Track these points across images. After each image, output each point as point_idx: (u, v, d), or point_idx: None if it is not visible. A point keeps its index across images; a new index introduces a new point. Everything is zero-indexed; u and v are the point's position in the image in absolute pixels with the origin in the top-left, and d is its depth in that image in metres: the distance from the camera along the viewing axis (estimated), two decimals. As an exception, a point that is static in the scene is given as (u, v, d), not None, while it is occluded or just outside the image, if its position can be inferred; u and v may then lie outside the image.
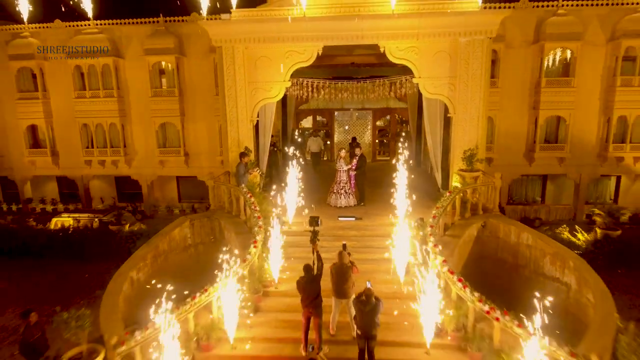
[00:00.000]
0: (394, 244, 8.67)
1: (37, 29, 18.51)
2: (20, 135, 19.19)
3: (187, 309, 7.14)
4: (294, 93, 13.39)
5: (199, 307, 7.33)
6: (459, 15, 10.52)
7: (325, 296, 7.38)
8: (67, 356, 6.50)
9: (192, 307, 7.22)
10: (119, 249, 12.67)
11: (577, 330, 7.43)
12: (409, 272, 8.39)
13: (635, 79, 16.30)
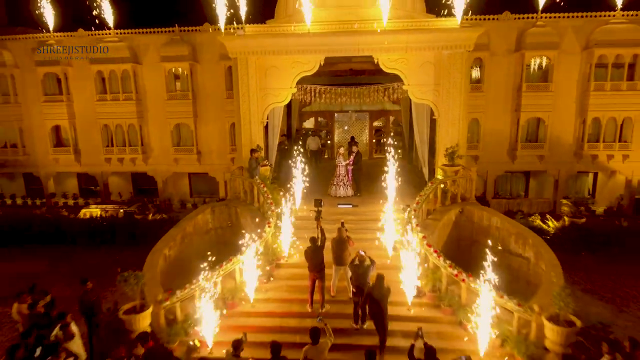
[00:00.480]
0: (384, 226, 10.51)
1: (61, 37, 20.32)
2: (46, 135, 21.03)
3: (217, 274, 8.96)
4: (299, 97, 15.20)
5: (225, 273, 9.16)
6: (441, 32, 12.36)
7: (327, 267, 9.21)
8: (124, 308, 8.33)
9: (220, 273, 9.05)
10: (146, 235, 14.50)
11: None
12: (395, 248, 10.22)
13: (607, 84, 18.15)
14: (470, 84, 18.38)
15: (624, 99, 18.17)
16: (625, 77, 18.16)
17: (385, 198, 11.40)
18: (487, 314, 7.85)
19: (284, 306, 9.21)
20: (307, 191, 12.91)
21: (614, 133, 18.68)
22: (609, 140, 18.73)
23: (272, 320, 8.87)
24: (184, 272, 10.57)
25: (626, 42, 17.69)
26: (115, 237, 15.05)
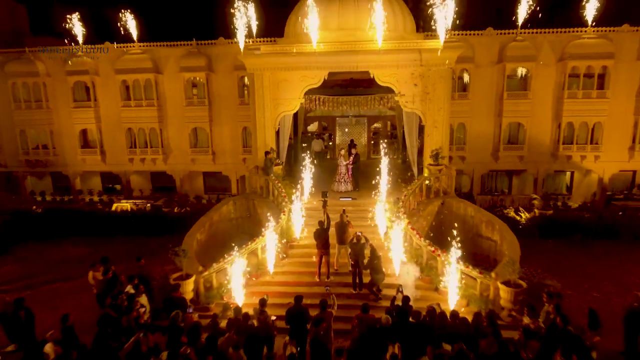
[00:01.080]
0: (377, 215, 12.94)
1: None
2: (75, 137, 23.47)
3: (244, 251, 11.37)
4: (305, 105, 17.54)
5: (250, 251, 11.57)
6: (427, 52, 14.75)
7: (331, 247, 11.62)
8: (173, 277, 10.75)
9: (247, 251, 11.46)
10: (173, 225, 16.93)
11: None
12: (386, 231, 12.63)
13: (579, 92, 20.58)
14: (457, 92, 21.04)
15: (594, 106, 20.60)
16: (596, 86, 20.57)
17: (378, 192, 13.81)
18: (455, 281, 10.27)
19: (297, 277, 11.63)
20: (313, 186, 15.32)
21: (586, 136, 21.10)
22: (581, 143, 21.15)
23: (287, 287, 11.27)
24: (212, 253, 12.95)
25: (596, 55, 20.13)
26: (146, 228, 17.45)
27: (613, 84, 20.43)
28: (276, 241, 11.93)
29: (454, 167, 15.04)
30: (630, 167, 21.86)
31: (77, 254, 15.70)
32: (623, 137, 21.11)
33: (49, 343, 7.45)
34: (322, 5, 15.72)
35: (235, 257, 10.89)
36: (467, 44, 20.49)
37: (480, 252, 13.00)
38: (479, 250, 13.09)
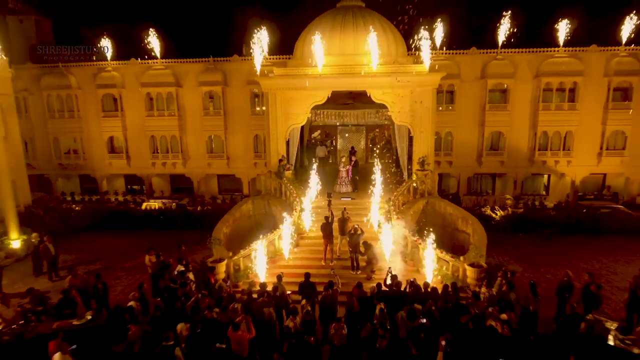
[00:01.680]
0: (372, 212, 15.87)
1: (117, 65, 25.67)
2: (103, 143, 26.43)
3: (265, 241, 14.30)
4: (311, 117, 20.45)
5: (269, 241, 14.51)
6: (415, 75, 17.69)
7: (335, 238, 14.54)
8: (209, 260, 13.68)
9: (266, 240, 14.40)
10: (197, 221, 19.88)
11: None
12: (379, 225, 15.55)
13: (552, 105, 23.55)
14: (444, 104, 24.03)
15: (566, 117, 23.60)
16: (567, 100, 23.60)
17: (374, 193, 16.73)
18: (432, 264, 13.21)
19: (307, 262, 14.56)
20: (319, 188, 18.24)
21: (559, 143, 24.07)
22: (555, 149, 24.14)
23: (299, 270, 14.10)
24: (235, 244, 15.85)
25: (567, 72, 23.12)
26: (172, 223, 20.41)
27: (582, 97, 23.41)
28: (290, 233, 14.87)
29: (436, 172, 17.98)
30: (600, 171, 24.81)
31: (118, 245, 18.67)
32: (592, 144, 24.04)
33: (132, 301, 10.38)
34: (326, 33, 18.71)
35: (258, 245, 13.82)
36: (453, 62, 23.57)
37: (457, 242, 15.91)
38: (456, 241, 15.99)
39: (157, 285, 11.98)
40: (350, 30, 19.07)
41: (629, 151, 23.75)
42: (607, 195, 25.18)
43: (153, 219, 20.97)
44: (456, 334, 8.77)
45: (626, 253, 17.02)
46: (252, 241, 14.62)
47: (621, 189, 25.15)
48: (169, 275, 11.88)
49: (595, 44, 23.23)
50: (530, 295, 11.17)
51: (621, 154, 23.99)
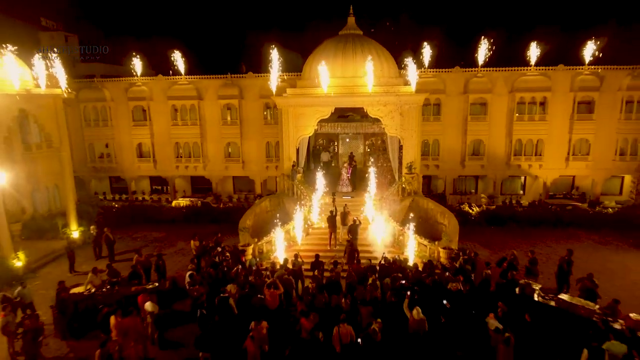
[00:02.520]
0: (367, 207, 19.89)
1: (147, 80, 29.68)
2: (132, 149, 30.44)
3: (282, 230, 18.31)
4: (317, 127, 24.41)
5: (285, 230, 18.52)
6: (403, 95, 21.69)
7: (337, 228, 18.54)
8: (239, 245, 17.69)
9: (283, 229, 18.41)
10: (221, 216, 23.90)
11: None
12: (373, 218, 19.55)
13: (525, 116, 27.55)
14: (432, 115, 28.02)
15: (537, 126, 27.60)
16: (538, 112, 27.58)
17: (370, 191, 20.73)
18: (413, 247, 17.20)
19: (316, 247, 18.55)
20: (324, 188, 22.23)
21: (532, 149, 28.08)
22: (528, 154, 28.15)
23: (310, 252, 18.07)
24: (257, 233, 19.85)
25: (538, 88, 27.12)
26: (199, 218, 24.45)
27: (551, 109, 27.43)
28: (301, 224, 18.88)
29: (422, 175, 21.97)
30: (568, 173, 28.83)
31: (156, 235, 22.70)
32: (560, 150, 28.04)
33: (190, 271, 14.38)
34: (329, 58, 22.74)
35: (277, 233, 17.83)
36: (440, 79, 27.62)
37: (436, 232, 19.86)
38: (435, 232, 19.96)
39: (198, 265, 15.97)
40: (350, 56, 23.09)
41: (593, 156, 27.76)
42: (575, 194, 29.20)
43: (182, 214, 24.98)
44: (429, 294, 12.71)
45: (575, 240, 21.09)
46: (270, 231, 18.65)
47: (588, 189, 29.14)
48: (210, 256, 15.89)
49: (562, 64, 27.23)
50: (485, 267, 15.12)
51: (586, 159, 27.99)
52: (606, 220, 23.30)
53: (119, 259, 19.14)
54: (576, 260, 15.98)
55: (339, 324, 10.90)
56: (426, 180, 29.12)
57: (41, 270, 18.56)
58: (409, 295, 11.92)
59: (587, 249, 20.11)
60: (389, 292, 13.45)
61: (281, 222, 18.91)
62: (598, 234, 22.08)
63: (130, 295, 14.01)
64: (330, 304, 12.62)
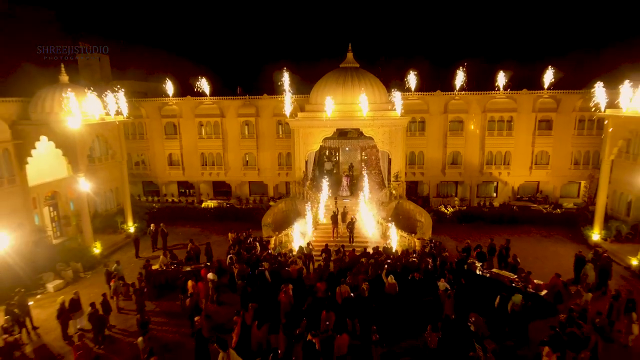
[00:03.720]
0: (361, 208, 26.02)
1: (177, 101, 35.77)
2: (164, 158, 36.56)
3: (297, 224, 24.42)
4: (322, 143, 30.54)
5: (299, 225, 24.65)
6: (390, 119, 27.84)
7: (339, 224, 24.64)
8: (264, 236, 23.81)
9: (299, 224, 24.53)
10: (244, 215, 30.03)
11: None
12: (366, 216, 25.66)
13: (495, 132, 33.67)
14: (417, 131, 34.13)
15: (505, 141, 33.70)
16: (506, 128, 33.67)
17: (364, 196, 26.82)
18: (396, 239, 23.31)
19: (323, 238, 24.67)
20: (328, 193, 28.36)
21: (501, 159, 34.20)
22: (498, 164, 34.27)
23: (318, 243, 24.27)
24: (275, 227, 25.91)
25: (505, 109, 33.23)
26: (225, 217, 30.59)
27: (517, 127, 33.53)
28: (311, 221, 24.99)
29: (403, 182, 28.12)
30: (532, 179, 34.93)
31: (193, 230, 28.85)
32: (525, 160, 34.14)
33: (229, 255, 20.46)
34: (332, 88, 28.88)
35: (294, 227, 23.95)
36: (424, 101, 33.73)
37: (415, 227, 25.94)
38: (414, 227, 26.03)
39: (238, 250, 22.04)
40: (349, 86, 29.21)
41: (552, 165, 33.88)
42: (539, 197, 35.30)
43: (211, 214, 31.13)
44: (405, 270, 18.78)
45: (525, 234, 27.23)
46: (286, 227, 24.74)
47: (550, 193, 35.24)
48: (244, 244, 22.01)
49: (526, 89, 33.31)
50: (444, 251, 21.18)
51: (546, 168, 34.11)
52: (554, 219, 29.47)
53: (170, 247, 25.23)
54: (522, 248, 22.42)
55: (340, 285, 16.98)
56: (413, 185, 35.33)
57: (111, 256, 24.67)
58: (386, 268, 18.03)
59: (533, 240, 26.27)
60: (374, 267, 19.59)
61: (295, 220, 25.02)
62: (545, 229, 28.22)
63: (194, 270, 20.05)
64: (334, 274, 18.71)
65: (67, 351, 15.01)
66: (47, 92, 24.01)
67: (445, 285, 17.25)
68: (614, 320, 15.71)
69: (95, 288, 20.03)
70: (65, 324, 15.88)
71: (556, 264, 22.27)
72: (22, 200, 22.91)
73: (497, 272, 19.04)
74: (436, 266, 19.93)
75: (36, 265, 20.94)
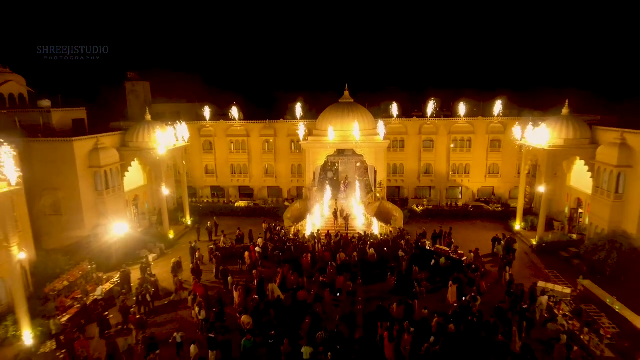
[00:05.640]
0: (354, 207, 38.01)
1: (213, 123, 47.72)
2: (202, 168, 48.63)
3: (310, 217, 36.45)
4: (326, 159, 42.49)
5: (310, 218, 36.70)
6: (375, 142, 39.84)
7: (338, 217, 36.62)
8: (286, 226, 35.81)
9: (310, 217, 36.57)
10: (267, 212, 42.05)
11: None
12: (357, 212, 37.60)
13: (458, 149, 45.75)
14: (399, 148, 46.23)
15: (465, 155, 45.80)
16: (466, 146, 45.73)
17: (356, 198, 38.71)
18: (377, 228, 35.29)
19: (326, 227, 36.64)
20: (330, 195, 40.27)
21: (463, 169, 46.26)
22: (461, 173, 46.33)
23: (324, 229, 36.22)
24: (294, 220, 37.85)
25: (465, 131, 45.34)
26: (253, 214, 42.63)
27: (474, 145, 45.57)
28: (319, 215, 36.95)
29: (385, 188, 40.12)
30: (487, 185, 47.00)
31: (232, 223, 40.79)
32: (481, 170, 46.21)
33: (260, 239, 32.35)
34: (333, 117, 40.95)
35: (307, 220, 35.96)
36: (403, 125, 45.84)
37: (391, 220, 37.79)
38: (390, 219, 37.91)
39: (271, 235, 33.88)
40: (346, 117, 41.19)
41: (501, 174, 45.94)
42: (494, 199, 47.31)
43: (242, 210, 43.15)
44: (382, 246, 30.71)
45: (472, 225, 39.20)
46: (301, 219, 36.68)
47: (502, 195, 47.25)
48: (275, 230, 33.96)
49: (481, 116, 45.32)
50: (406, 235, 33.17)
51: (497, 176, 46.16)
52: (496, 215, 41.49)
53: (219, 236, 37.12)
54: (466, 234, 34.52)
55: (339, 254, 28.90)
56: (396, 189, 47.35)
57: (179, 240, 36.59)
58: (368, 245, 30.00)
59: (476, 229, 38.28)
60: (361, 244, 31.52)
61: (307, 214, 36.96)
62: (487, 222, 40.26)
63: (245, 246, 31.92)
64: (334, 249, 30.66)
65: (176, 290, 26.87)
66: (140, 127, 36.05)
67: (402, 254, 29.18)
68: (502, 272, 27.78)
69: (176, 258, 31.93)
70: (175, 274, 27.72)
71: (483, 243, 34.22)
72: (123, 201, 34.85)
73: (438, 246, 31.01)
74: (401, 244, 31.89)
75: (136, 245, 32.79)
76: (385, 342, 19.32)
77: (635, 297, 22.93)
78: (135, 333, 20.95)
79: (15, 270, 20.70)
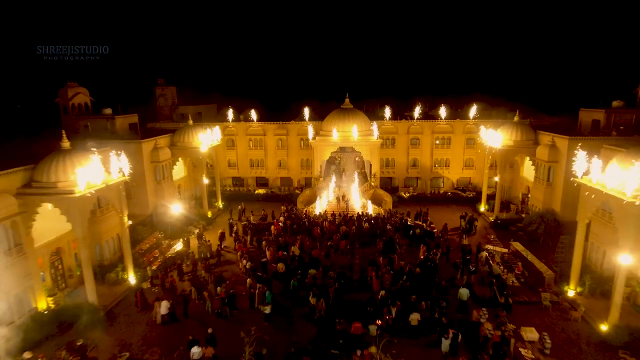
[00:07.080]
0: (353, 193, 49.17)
1: (235, 124, 58.66)
2: (226, 162, 59.71)
3: (317, 201, 47.60)
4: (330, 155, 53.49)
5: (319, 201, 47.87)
6: (370, 142, 50.86)
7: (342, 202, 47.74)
8: (300, 207, 46.98)
9: (318, 201, 47.74)
10: (284, 198, 53.17)
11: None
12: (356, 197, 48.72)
13: (439, 146, 56.90)
14: (391, 146, 57.43)
15: (446, 151, 57.03)
16: (446, 144, 56.85)
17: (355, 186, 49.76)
18: (372, 209, 46.42)
19: (331, 208, 47.78)
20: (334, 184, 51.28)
21: (444, 163, 57.41)
22: (442, 166, 57.48)
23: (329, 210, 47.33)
24: (305, 204, 48.95)
25: (445, 131, 56.50)
26: (271, 199, 53.69)
27: (453, 142, 56.69)
28: (325, 199, 48.05)
29: (378, 178, 51.13)
30: (465, 176, 58.13)
31: (253, 208, 51.86)
32: (459, 164, 57.35)
33: (281, 217, 43.43)
34: (336, 120, 52.04)
35: (317, 202, 47.10)
36: (394, 126, 56.94)
37: (382, 203, 48.77)
38: (382, 203, 48.89)
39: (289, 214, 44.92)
40: (347, 120, 52.14)
41: (475, 167, 57.04)
42: (470, 187, 58.42)
43: (262, 196, 54.32)
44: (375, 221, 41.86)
45: (447, 208, 50.39)
46: (311, 203, 47.75)
47: (478, 184, 58.32)
48: (291, 210, 45.06)
49: (459, 118, 56.32)
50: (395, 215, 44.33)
51: (472, 169, 57.30)
52: (469, 200, 52.65)
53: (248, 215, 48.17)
54: (441, 214, 45.58)
55: (340, 227, 40.05)
56: (388, 179, 58.46)
57: (215, 219, 47.72)
58: (364, 221, 41.14)
59: (450, 211, 49.43)
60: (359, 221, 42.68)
61: (316, 199, 48.05)
62: (461, 205, 51.37)
63: (270, 222, 43.03)
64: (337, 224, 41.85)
65: (221, 253, 37.91)
66: (185, 129, 47.09)
67: (390, 227, 40.32)
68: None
69: (215, 233, 42.87)
70: (222, 241, 38.79)
71: (454, 221, 45.35)
72: (173, 188, 45.90)
73: (416, 222, 42.16)
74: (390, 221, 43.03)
75: (185, 221, 43.82)
76: (374, 279, 30.57)
77: (548, 253, 34.20)
78: (205, 274, 32.19)
79: (126, 232, 31.79)
